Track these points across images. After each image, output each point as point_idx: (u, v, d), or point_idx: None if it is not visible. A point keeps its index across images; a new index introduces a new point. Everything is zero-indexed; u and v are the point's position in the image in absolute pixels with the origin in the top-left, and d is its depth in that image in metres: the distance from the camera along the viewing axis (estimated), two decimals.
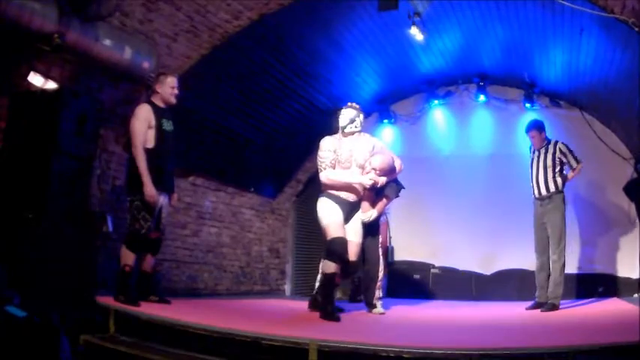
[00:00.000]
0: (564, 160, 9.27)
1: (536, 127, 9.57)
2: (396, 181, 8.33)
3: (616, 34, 8.64)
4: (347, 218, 7.76)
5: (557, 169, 9.31)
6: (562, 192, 9.31)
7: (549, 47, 10.83)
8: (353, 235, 7.77)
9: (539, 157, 9.47)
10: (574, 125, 12.39)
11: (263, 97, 11.50)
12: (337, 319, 6.85)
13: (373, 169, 7.73)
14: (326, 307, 7.19)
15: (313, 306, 8.12)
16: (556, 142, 9.39)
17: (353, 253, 7.72)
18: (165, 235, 8.51)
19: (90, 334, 5.88)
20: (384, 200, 8.29)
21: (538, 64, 11.88)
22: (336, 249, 7.36)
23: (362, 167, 7.80)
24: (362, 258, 8.14)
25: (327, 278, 7.44)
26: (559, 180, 9.29)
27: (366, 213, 8.05)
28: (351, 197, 7.78)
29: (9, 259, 6.57)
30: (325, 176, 7.77)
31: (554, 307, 8.71)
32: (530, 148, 9.70)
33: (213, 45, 9.77)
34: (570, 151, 9.29)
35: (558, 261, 9.03)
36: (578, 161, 9.26)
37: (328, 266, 7.37)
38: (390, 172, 7.97)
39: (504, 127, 13.14)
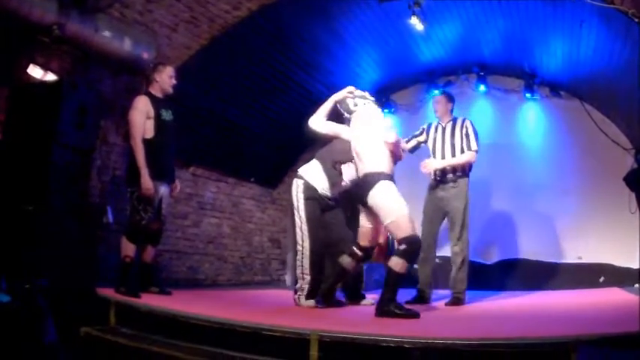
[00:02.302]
0: (466, 140, 8.53)
1: (445, 93, 9.25)
2: None
3: (616, 25, 8.62)
4: None
5: (465, 149, 8.53)
6: (468, 176, 8.59)
7: (549, 37, 10.81)
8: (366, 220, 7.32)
9: (443, 133, 8.73)
10: (574, 116, 12.37)
11: (263, 88, 11.52)
12: (416, 315, 6.22)
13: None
14: (392, 305, 6.34)
15: (325, 301, 7.47)
16: (464, 120, 8.74)
17: (369, 239, 7.28)
18: (166, 226, 8.50)
19: (90, 326, 5.88)
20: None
21: (538, 55, 11.87)
22: (418, 249, 6.59)
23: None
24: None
25: (400, 278, 6.41)
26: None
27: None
28: None
29: (10, 251, 6.58)
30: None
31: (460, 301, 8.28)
32: (427, 128, 9.02)
33: (212, 35, 9.78)
34: (475, 133, 8.54)
35: (461, 253, 8.32)
36: (474, 149, 8.48)
37: (402, 266, 6.35)
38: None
39: (504, 117, 13.12)
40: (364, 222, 7.14)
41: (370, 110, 7.26)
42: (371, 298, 8.10)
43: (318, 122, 7.65)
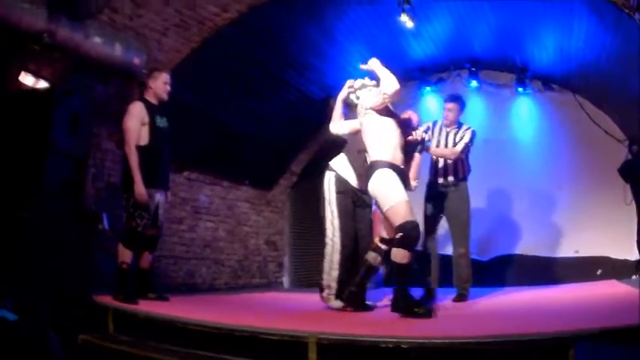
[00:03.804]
0: (465, 141, 8.56)
1: (458, 100, 8.96)
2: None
3: (607, 17, 8.62)
4: None
5: (464, 154, 8.66)
6: (466, 180, 8.73)
7: (540, 30, 10.82)
8: None
9: (447, 137, 8.73)
10: (567, 109, 12.42)
11: (255, 89, 11.50)
12: (430, 315, 6.13)
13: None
14: (411, 302, 6.29)
15: (356, 305, 7.06)
16: (467, 129, 8.71)
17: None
18: (163, 232, 8.49)
19: (89, 334, 5.88)
20: (417, 159, 7.82)
21: (530, 48, 11.88)
22: (416, 235, 6.40)
23: None
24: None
25: (406, 269, 6.37)
26: (465, 166, 8.75)
27: (415, 182, 7.70)
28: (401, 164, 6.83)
29: (5, 260, 6.57)
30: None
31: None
32: (432, 126, 8.95)
33: (203, 38, 9.77)
34: (469, 140, 8.58)
35: (465, 254, 8.45)
36: (457, 149, 8.52)
37: (403, 255, 6.30)
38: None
39: (497, 112, 13.14)
40: None
41: (371, 96, 7.10)
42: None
43: (336, 126, 7.69)
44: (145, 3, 8.77)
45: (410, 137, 7.38)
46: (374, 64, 6.99)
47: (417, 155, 7.75)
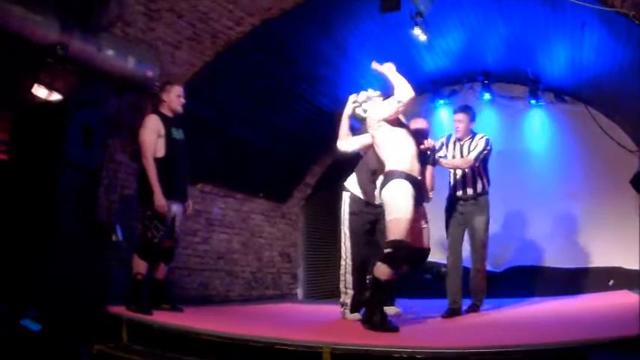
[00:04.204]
0: (479, 149, 8.32)
1: (467, 111, 8.75)
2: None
3: (617, 28, 8.64)
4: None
5: (482, 165, 8.44)
6: (487, 193, 8.49)
7: (552, 43, 10.83)
8: (424, 220, 7.37)
9: (461, 149, 8.52)
10: (579, 120, 12.43)
11: (268, 102, 11.54)
12: (394, 329, 6.05)
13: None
14: (376, 317, 6.17)
15: (371, 325, 6.57)
16: (482, 137, 8.48)
17: (427, 239, 7.35)
18: (178, 243, 8.50)
19: (103, 344, 5.90)
20: (430, 170, 7.78)
21: (541, 60, 11.89)
22: (403, 255, 6.36)
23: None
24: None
25: (383, 286, 6.27)
26: (484, 179, 8.48)
27: (430, 193, 7.70)
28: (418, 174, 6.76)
29: (21, 273, 6.60)
30: None
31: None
32: (446, 141, 8.79)
33: (216, 52, 9.79)
34: (483, 149, 8.33)
35: (482, 267, 8.30)
36: (470, 157, 8.30)
37: (384, 272, 6.22)
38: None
39: (510, 124, 13.14)
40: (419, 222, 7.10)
41: (383, 107, 7.03)
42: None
43: (344, 143, 7.73)
44: (159, 16, 8.80)
45: (422, 146, 7.37)
46: (389, 69, 6.99)
47: (429, 167, 7.70)
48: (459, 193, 8.46)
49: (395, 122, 6.86)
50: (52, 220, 7.00)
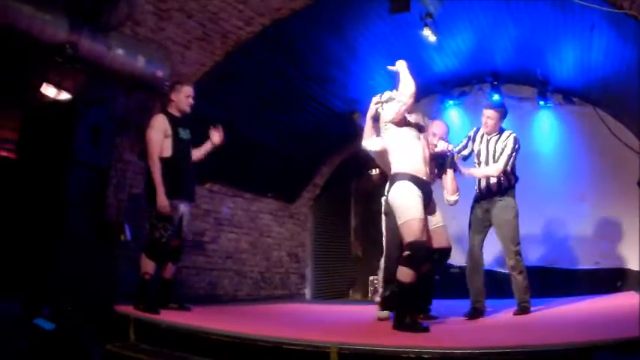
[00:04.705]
0: (500, 155, 8.18)
1: (499, 108, 8.62)
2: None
3: (626, 29, 8.62)
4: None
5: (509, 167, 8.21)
6: (514, 188, 8.37)
7: (561, 44, 10.81)
8: (441, 218, 7.33)
9: (487, 145, 8.35)
10: (587, 121, 12.43)
11: (278, 102, 11.55)
12: (425, 330, 6.02)
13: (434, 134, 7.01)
14: (406, 320, 6.12)
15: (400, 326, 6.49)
16: (509, 134, 8.33)
17: (445, 239, 7.31)
18: (185, 242, 8.50)
19: (110, 343, 5.91)
20: (450, 174, 7.81)
21: (550, 62, 11.87)
22: (422, 255, 6.35)
23: None
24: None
25: (408, 288, 6.21)
26: (512, 177, 8.35)
27: (453, 196, 7.71)
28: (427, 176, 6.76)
29: (31, 272, 6.61)
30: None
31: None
32: (474, 135, 8.65)
33: (226, 52, 9.79)
34: (512, 152, 8.17)
35: (517, 266, 8.05)
36: (499, 165, 8.10)
37: (407, 274, 6.20)
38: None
39: (519, 125, 13.06)
40: (437, 220, 7.16)
41: (389, 109, 7.00)
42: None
43: (369, 143, 7.58)
44: (168, 16, 8.80)
45: (435, 149, 7.37)
46: (401, 65, 6.98)
47: (448, 170, 7.73)
48: (484, 191, 8.30)
49: (401, 123, 6.82)
50: (61, 219, 7.03)
